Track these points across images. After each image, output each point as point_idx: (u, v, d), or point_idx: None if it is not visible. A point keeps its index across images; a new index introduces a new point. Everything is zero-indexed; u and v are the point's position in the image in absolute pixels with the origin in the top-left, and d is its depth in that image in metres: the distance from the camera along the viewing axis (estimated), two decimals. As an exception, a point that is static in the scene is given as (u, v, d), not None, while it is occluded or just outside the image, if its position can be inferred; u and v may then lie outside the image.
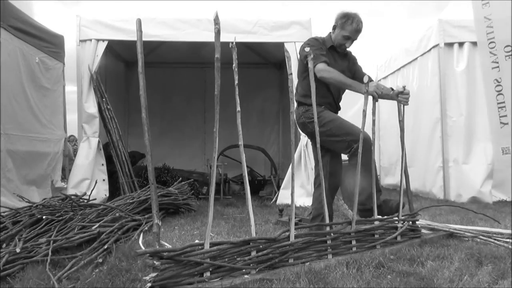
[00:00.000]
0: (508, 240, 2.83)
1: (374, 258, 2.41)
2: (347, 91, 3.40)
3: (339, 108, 3.51)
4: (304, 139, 5.59)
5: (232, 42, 2.24)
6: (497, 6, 3.33)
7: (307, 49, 2.64)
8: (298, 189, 5.40)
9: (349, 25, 3.19)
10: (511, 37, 3.26)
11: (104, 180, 5.48)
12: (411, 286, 2.02)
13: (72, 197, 3.65)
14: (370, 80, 3.01)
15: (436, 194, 5.90)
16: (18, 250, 2.40)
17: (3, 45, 4.30)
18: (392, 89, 3.19)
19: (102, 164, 5.56)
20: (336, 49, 3.34)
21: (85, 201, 3.73)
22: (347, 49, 3.43)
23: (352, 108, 8.40)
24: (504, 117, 3.38)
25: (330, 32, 3.41)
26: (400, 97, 3.01)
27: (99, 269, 2.32)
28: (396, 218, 2.92)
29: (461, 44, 5.76)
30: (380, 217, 2.88)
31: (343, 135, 3.11)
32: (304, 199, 5.29)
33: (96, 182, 4.81)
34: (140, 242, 2.92)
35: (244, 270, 2.11)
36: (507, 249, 2.65)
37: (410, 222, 2.98)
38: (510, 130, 3.37)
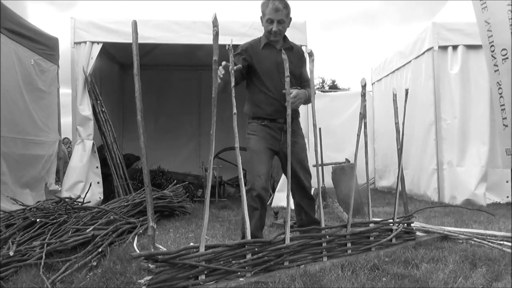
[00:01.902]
0: (501, 242, 2.84)
1: (369, 261, 2.42)
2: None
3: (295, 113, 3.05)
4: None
5: (229, 45, 2.24)
6: (494, 8, 3.36)
7: (308, 49, 2.61)
8: (293, 192, 5.39)
9: (267, 8, 2.96)
10: (506, 39, 3.29)
11: (98, 182, 5.45)
12: (406, 288, 2.03)
13: (66, 200, 3.63)
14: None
15: (430, 196, 5.92)
16: (11, 253, 2.38)
17: (-2, 48, 4.28)
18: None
19: (97, 167, 5.54)
20: (274, 45, 3.05)
21: (79, 204, 3.71)
22: (284, 38, 3.10)
23: (347, 110, 8.42)
24: (505, 119, 3.42)
25: None
26: None
27: (93, 272, 2.31)
28: (391, 220, 2.93)
29: (455, 47, 5.78)
30: (375, 219, 2.89)
31: (248, 169, 2.89)
32: (299, 202, 5.28)
33: (90, 185, 4.78)
34: (134, 245, 2.91)
35: (239, 273, 2.11)
36: (501, 251, 2.66)
37: (405, 225, 2.99)
38: (510, 132, 3.41)
